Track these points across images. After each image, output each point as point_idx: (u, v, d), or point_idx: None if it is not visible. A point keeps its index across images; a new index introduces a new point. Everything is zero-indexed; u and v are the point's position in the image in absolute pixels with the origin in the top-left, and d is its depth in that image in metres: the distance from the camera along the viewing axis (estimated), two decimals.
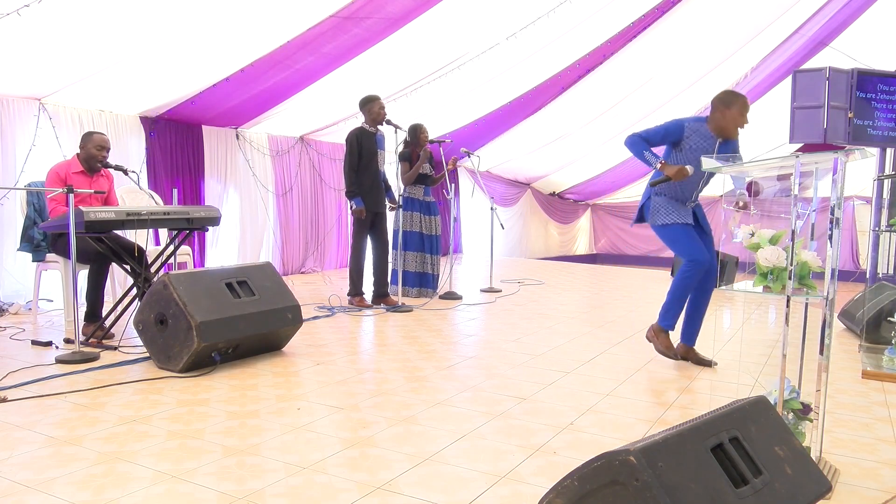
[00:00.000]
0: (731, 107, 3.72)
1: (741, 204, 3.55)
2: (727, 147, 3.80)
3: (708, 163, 2.54)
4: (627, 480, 1.41)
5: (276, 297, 3.90)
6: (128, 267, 4.26)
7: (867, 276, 5.12)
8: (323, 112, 7.31)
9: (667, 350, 3.83)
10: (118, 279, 5.21)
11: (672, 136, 3.75)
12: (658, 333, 3.85)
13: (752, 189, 3.09)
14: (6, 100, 5.15)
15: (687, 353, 3.88)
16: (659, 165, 3.66)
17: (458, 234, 10.86)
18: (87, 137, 4.38)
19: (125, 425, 2.69)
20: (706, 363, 3.84)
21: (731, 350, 4.32)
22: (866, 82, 5.23)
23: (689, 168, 3.63)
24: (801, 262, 2.24)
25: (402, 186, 6.08)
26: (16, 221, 5.05)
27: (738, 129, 3.74)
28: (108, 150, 4.41)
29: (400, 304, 5.57)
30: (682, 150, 3.74)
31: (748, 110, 3.74)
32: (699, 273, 3.70)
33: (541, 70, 7.77)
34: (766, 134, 9.58)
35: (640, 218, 3.98)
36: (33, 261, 4.78)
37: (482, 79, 7.41)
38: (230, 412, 2.88)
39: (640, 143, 3.74)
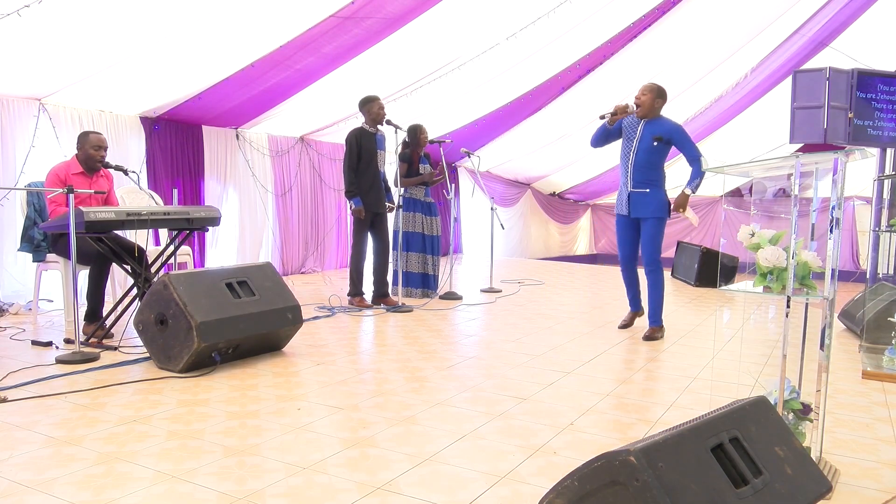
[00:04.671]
0: None
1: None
2: (650, 125, 4.38)
3: (710, 164, 2.54)
4: (627, 480, 1.41)
5: (276, 297, 3.90)
6: (128, 267, 4.26)
7: (867, 276, 5.12)
8: (323, 112, 7.31)
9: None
10: (118, 279, 5.21)
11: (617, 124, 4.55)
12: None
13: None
14: (6, 100, 5.15)
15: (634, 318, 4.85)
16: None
17: (458, 234, 10.86)
18: (84, 138, 4.38)
19: (125, 425, 2.69)
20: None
21: (731, 350, 4.32)
22: (866, 82, 5.23)
23: (628, 105, 4.35)
24: (801, 262, 2.24)
25: (401, 188, 6.08)
26: (16, 221, 5.05)
27: (639, 107, 4.37)
28: (105, 149, 4.41)
29: (400, 304, 5.57)
30: (623, 133, 4.52)
31: (640, 89, 4.43)
32: (625, 270, 4.62)
33: (541, 70, 7.76)
34: (767, 134, 9.60)
35: None
36: (33, 261, 4.78)
37: (482, 79, 7.41)
38: (230, 412, 2.88)
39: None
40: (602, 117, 4.41)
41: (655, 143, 4.32)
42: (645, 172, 4.36)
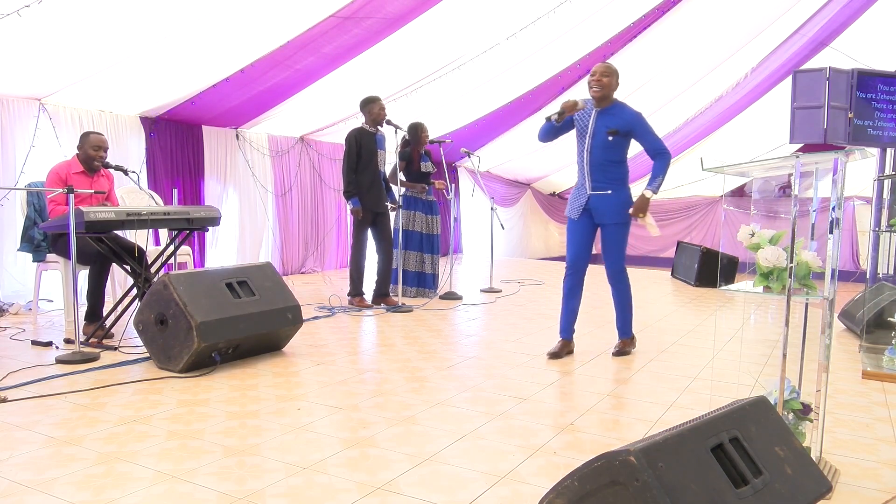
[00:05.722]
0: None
1: None
2: (604, 116, 3.87)
3: (710, 164, 2.53)
4: (628, 481, 1.41)
5: (276, 297, 3.90)
6: (128, 267, 4.26)
7: (867, 276, 5.12)
8: (323, 112, 7.31)
9: None
10: (118, 279, 5.21)
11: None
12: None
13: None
14: (6, 100, 5.15)
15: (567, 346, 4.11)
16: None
17: (458, 234, 10.85)
18: (84, 138, 4.39)
19: (125, 425, 2.69)
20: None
21: (731, 350, 4.32)
22: (866, 82, 5.22)
23: (579, 101, 3.84)
24: (801, 262, 2.24)
25: (400, 187, 6.09)
26: (16, 221, 5.05)
27: (592, 91, 3.86)
28: (105, 149, 4.41)
29: (400, 304, 5.57)
30: (575, 127, 3.98)
31: (594, 72, 3.88)
32: (569, 276, 4.01)
33: (541, 70, 7.77)
34: (767, 134, 9.60)
35: None
36: (33, 261, 4.78)
37: (482, 79, 7.41)
38: (230, 412, 2.88)
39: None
40: (549, 119, 3.87)
41: (611, 138, 3.79)
42: (605, 171, 3.83)
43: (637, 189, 3.87)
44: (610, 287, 4.03)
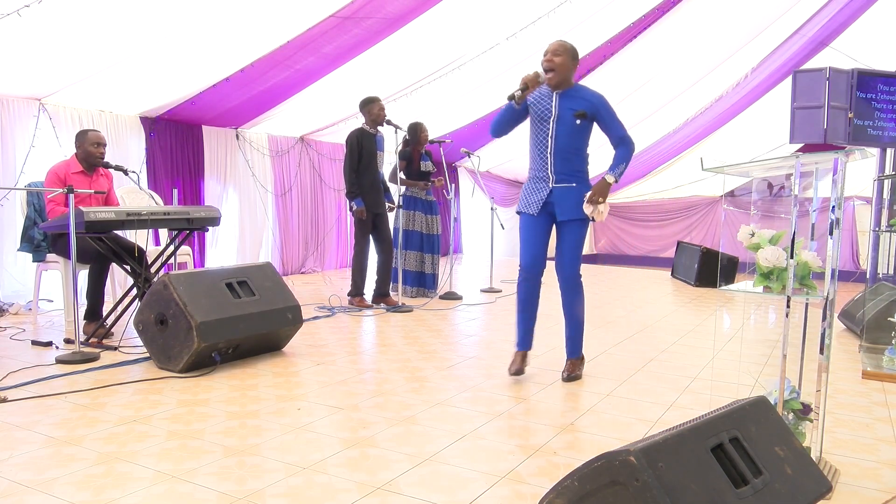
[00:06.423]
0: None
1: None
2: (567, 98, 3.44)
3: (710, 164, 2.53)
4: (628, 481, 1.41)
5: (276, 297, 3.90)
6: (128, 267, 4.26)
7: (867, 276, 5.12)
8: (323, 112, 7.31)
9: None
10: (118, 279, 5.21)
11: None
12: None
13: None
14: (6, 100, 5.15)
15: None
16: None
17: (458, 234, 10.86)
18: (82, 136, 4.38)
19: (125, 425, 2.69)
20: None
21: (731, 350, 4.32)
22: (867, 82, 5.23)
23: (539, 74, 3.39)
24: (801, 262, 2.24)
25: (401, 186, 6.09)
26: (16, 221, 5.05)
27: (545, 74, 3.41)
28: (104, 146, 4.40)
29: (400, 304, 5.57)
30: (531, 113, 3.53)
31: (545, 52, 3.45)
32: (525, 281, 3.55)
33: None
34: (767, 134, 9.60)
35: None
36: (33, 261, 4.79)
37: (482, 79, 7.41)
38: (230, 412, 2.88)
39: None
40: (511, 98, 3.42)
41: (578, 122, 3.40)
42: (569, 161, 3.43)
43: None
44: (561, 296, 3.56)
